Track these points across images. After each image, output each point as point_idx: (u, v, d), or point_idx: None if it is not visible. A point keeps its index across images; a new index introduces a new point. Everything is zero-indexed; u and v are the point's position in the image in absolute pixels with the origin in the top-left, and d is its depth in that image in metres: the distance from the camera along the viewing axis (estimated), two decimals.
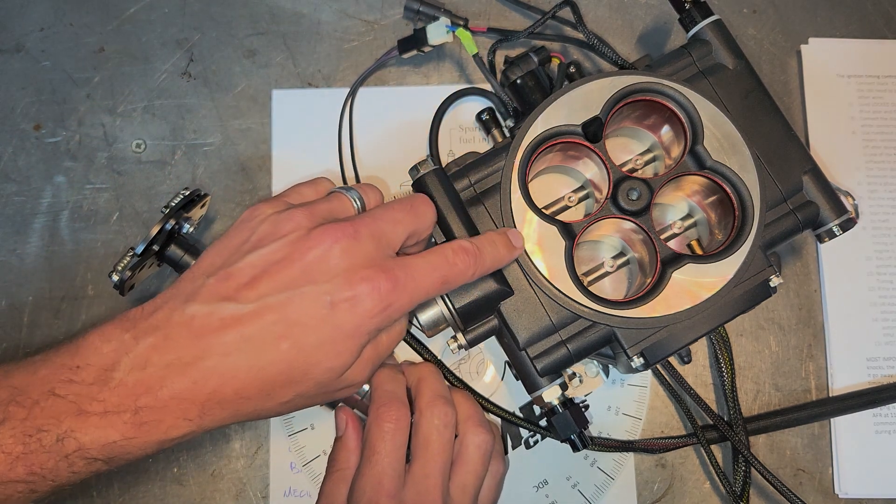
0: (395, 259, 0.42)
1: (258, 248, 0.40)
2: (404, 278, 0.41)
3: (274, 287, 0.39)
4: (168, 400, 0.37)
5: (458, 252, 0.43)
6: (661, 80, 0.47)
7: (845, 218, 0.48)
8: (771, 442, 0.55)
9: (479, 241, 0.45)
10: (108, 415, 0.37)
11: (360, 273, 0.40)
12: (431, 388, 0.48)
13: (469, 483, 0.46)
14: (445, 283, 0.43)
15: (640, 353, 0.45)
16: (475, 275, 0.44)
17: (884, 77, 0.60)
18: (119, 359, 0.38)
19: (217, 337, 0.38)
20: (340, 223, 0.41)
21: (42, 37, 0.59)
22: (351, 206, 0.44)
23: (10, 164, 0.57)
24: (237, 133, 0.58)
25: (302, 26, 0.59)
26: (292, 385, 0.40)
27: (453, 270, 0.43)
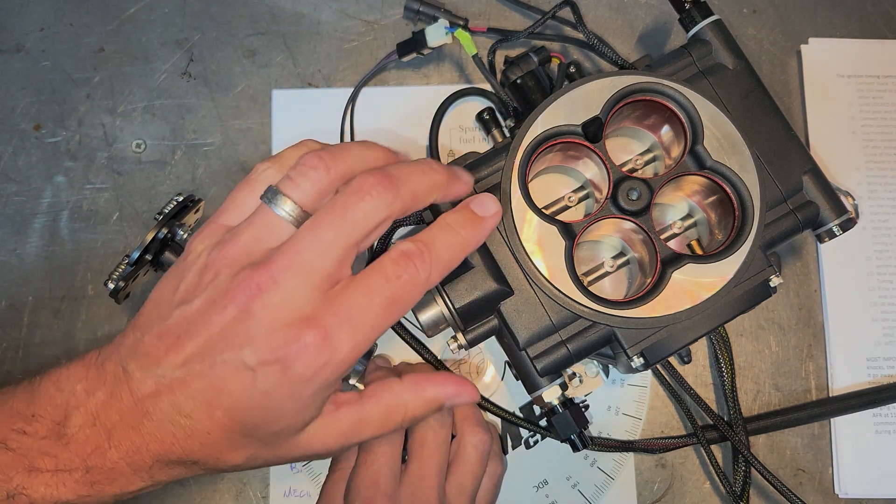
0: (326, 300, 0.35)
1: (183, 302, 0.36)
2: (336, 323, 0.35)
3: (197, 352, 0.35)
4: (117, 460, 0.36)
5: (398, 261, 0.36)
6: (661, 80, 0.47)
7: (845, 218, 0.48)
8: (771, 442, 0.55)
9: (427, 234, 0.38)
10: (59, 472, 0.35)
11: (281, 333, 0.34)
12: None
13: (466, 483, 0.46)
14: (394, 306, 0.36)
15: (640, 353, 0.45)
16: (431, 277, 0.37)
17: (884, 77, 0.60)
18: (70, 412, 0.36)
19: (154, 402, 0.36)
20: (256, 271, 0.35)
21: (42, 37, 0.59)
22: (281, 225, 0.37)
23: (10, 164, 0.57)
24: (237, 133, 0.58)
25: (302, 26, 0.59)
26: (238, 448, 0.37)
27: (399, 287, 0.36)
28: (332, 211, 0.36)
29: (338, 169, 0.37)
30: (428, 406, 0.41)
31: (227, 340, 0.35)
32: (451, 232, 0.38)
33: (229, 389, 0.35)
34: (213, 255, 0.37)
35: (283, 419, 0.36)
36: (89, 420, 0.36)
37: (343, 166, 0.37)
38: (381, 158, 0.39)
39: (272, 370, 0.35)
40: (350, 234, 0.36)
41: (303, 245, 0.35)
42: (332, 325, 0.35)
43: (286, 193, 0.36)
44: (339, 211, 0.36)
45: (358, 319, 0.35)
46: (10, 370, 0.54)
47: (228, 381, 0.35)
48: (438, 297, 0.46)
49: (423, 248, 0.37)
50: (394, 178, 0.36)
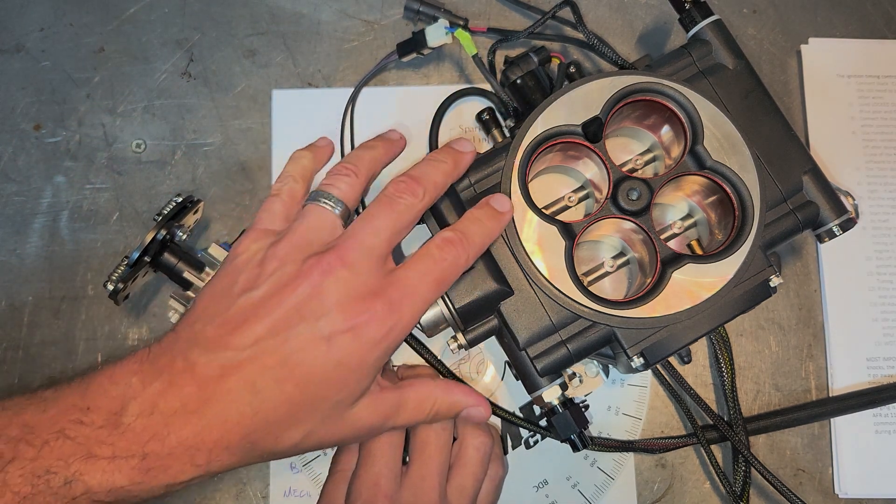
0: (387, 277, 0.41)
1: (248, 290, 0.40)
2: (399, 296, 0.40)
3: (268, 330, 0.39)
4: (175, 446, 0.37)
5: (443, 247, 0.43)
6: (661, 80, 0.47)
7: (845, 218, 0.48)
8: (771, 442, 0.55)
9: (461, 225, 0.44)
10: (116, 459, 0.36)
11: (354, 304, 0.39)
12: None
13: (467, 485, 0.46)
14: (441, 283, 0.42)
15: (640, 353, 0.45)
16: (469, 260, 0.44)
17: (884, 77, 0.60)
18: (127, 403, 0.38)
19: (219, 384, 0.38)
20: (326, 254, 0.40)
21: (42, 37, 0.59)
22: (331, 217, 0.43)
23: (10, 164, 0.57)
24: (237, 133, 0.58)
25: (302, 26, 0.59)
26: (300, 424, 0.40)
27: (445, 267, 0.42)
28: (380, 204, 0.43)
29: (362, 171, 0.45)
30: (452, 408, 0.45)
31: (301, 315, 0.39)
32: (480, 224, 0.44)
33: (303, 360, 0.39)
34: (272, 249, 0.41)
35: (347, 388, 0.40)
36: (147, 409, 0.37)
37: (364, 168, 0.45)
38: (383, 153, 0.47)
39: (346, 337, 0.39)
40: (396, 221, 0.42)
41: (362, 232, 0.42)
42: (396, 298, 0.40)
43: (330, 192, 0.43)
44: (385, 204, 0.43)
45: (415, 293, 0.41)
46: (10, 370, 0.54)
47: (303, 353, 0.39)
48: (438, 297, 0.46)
49: (462, 235, 0.43)
50: (418, 178, 0.44)
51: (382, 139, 0.48)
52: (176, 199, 0.51)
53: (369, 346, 0.39)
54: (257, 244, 0.42)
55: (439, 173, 0.45)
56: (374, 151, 0.46)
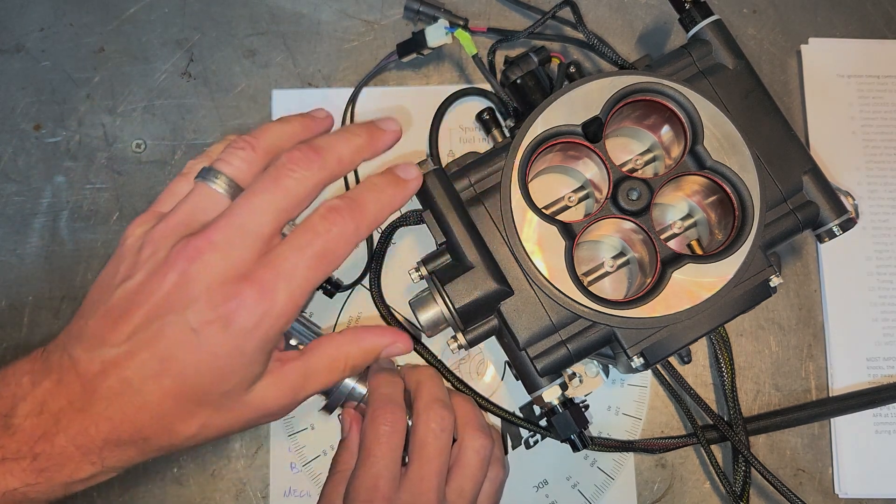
0: (262, 258, 0.38)
1: (125, 280, 0.38)
2: (272, 277, 0.37)
3: (140, 323, 0.37)
4: (65, 445, 0.36)
5: (326, 216, 0.39)
6: (661, 80, 0.47)
7: (845, 218, 0.48)
8: (771, 442, 0.55)
9: (353, 191, 0.41)
10: (6, 461, 0.35)
11: (220, 290, 0.36)
12: (429, 391, 0.47)
13: (466, 488, 0.45)
14: (325, 259, 0.38)
15: (640, 353, 0.45)
16: (360, 231, 0.40)
17: (884, 77, 0.60)
18: (17, 403, 0.37)
19: (101, 381, 0.36)
20: (194, 237, 0.37)
21: (42, 37, 0.59)
22: (215, 197, 0.39)
23: (10, 164, 0.57)
24: (237, 133, 0.57)
25: (302, 26, 0.59)
26: (190, 417, 0.38)
27: (328, 240, 0.38)
28: (264, 180, 0.39)
29: (262, 145, 0.40)
30: (367, 355, 0.43)
31: (170, 305, 0.37)
32: (377, 191, 0.41)
33: (176, 354, 0.36)
34: (150, 233, 0.39)
35: (231, 378, 0.38)
36: (35, 409, 0.36)
37: (266, 142, 0.40)
38: (298, 130, 0.42)
39: (214, 327, 0.36)
40: (281, 199, 0.38)
41: (238, 210, 0.38)
42: (268, 280, 0.37)
43: (219, 169, 0.39)
44: (270, 180, 0.38)
45: (291, 273, 0.37)
46: None
47: (174, 346, 0.36)
48: (438, 297, 0.46)
49: (351, 202, 0.40)
50: (318, 149, 0.40)
51: (302, 115, 0.43)
52: None
53: (241, 336, 0.37)
54: (142, 228, 0.39)
55: (348, 147, 0.41)
56: (286, 126, 0.42)
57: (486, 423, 0.49)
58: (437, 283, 0.46)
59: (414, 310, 0.47)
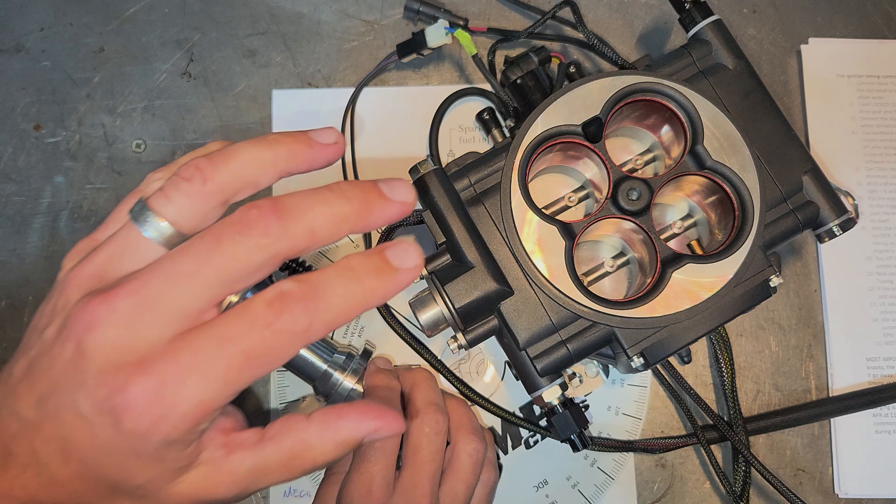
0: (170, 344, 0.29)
1: (41, 329, 0.32)
2: (177, 372, 0.29)
3: (47, 390, 0.30)
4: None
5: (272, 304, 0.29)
6: (661, 80, 0.47)
7: (845, 218, 0.48)
8: (771, 442, 0.55)
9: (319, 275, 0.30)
10: None
11: (111, 378, 0.29)
12: (424, 394, 0.47)
13: (459, 491, 0.45)
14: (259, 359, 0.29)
15: (640, 353, 0.45)
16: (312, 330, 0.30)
17: (884, 77, 0.60)
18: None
19: (16, 443, 0.31)
20: (94, 299, 0.30)
21: (42, 37, 0.59)
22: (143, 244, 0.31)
23: (9, 164, 0.57)
24: (237, 133, 0.58)
25: (302, 26, 0.59)
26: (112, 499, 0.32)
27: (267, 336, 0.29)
28: (202, 239, 0.29)
29: (218, 179, 0.30)
30: (341, 448, 0.34)
31: (67, 380, 0.30)
32: (352, 278, 0.31)
33: (74, 438, 0.30)
34: (68, 275, 0.32)
35: (139, 475, 0.31)
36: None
37: (226, 175, 0.31)
38: (282, 159, 0.32)
39: (105, 421, 0.29)
40: (218, 270, 0.29)
41: (155, 273, 0.30)
42: (170, 374, 0.29)
43: (154, 209, 0.30)
44: (209, 241, 0.29)
45: (205, 371, 0.29)
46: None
47: (71, 430, 0.30)
48: (438, 297, 0.46)
49: (310, 291, 0.30)
50: (285, 211, 0.30)
51: (296, 137, 0.32)
52: None
53: (134, 437, 0.29)
54: (72, 262, 0.33)
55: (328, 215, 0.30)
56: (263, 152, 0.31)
57: (479, 425, 0.49)
58: (437, 283, 0.46)
59: (414, 310, 0.47)
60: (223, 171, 0.30)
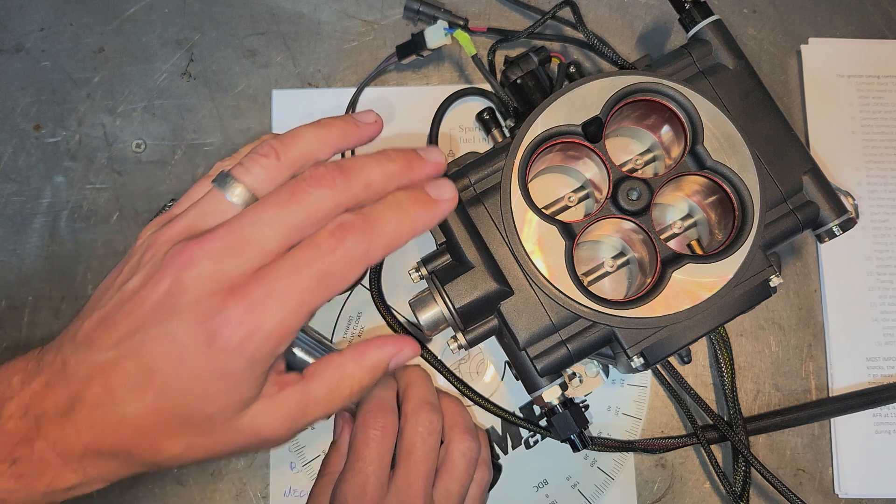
0: (256, 273, 0.34)
1: (123, 283, 0.36)
2: (263, 295, 0.33)
3: (129, 330, 0.34)
4: (44, 451, 0.34)
5: (335, 233, 0.35)
6: (662, 80, 0.47)
7: (845, 218, 0.48)
8: (771, 442, 0.55)
9: (374, 208, 0.36)
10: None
11: (207, 303, 0.33)
12: (418, 393, 0.47)
13: (453, 490, 0.45)
14: (327, 281, 0.35)
15: (640, 353, 0.45)
16: (371, 253, 0.35)
17: (884, 77, 0.60)
18: (3, 404, 0.35)
19: (86, 387, 0.34)
20: (190, 243, 0.34)
21: (42, 37, 0.59)
22: (227, 207, 0.36)
23: (9, 164, 0.57)
24: (237, 133, 0.58)
25: (302, 26, 0.59)
26: (174, 437, 0.35)
27: (334, 260, 0.34)
28: (279, 192, 0.35)
29: (289, 155, 0.37)
30: (373, 372, 0.39)
31: (158, 315, 0.34)
32: (399, 209, 0.36)
33: (160, 368, 0.34)
34: (155, 235, 0.36)
35: (216, 400, 0.35)
36: (20, 410, 0.34)
37: (295, 152, 0.37)
38: (336, 137, 0.38)
39: (199, 343, 0.33)
40: (293, 215, 0.35)
41: (243, 220, 0.35)
42: (258, 297, 0.33)
43: (237, 177, 0.36)
44: (285, 193, 0.35)
45: (285, 292, 0.34)
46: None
47: (158, 359, 0.34)
48: (438, 297, 0.46)
49: (365, 221, 0.35)
50: (345, 169, 0.36)
51: (344, 119, 0.39)
52: (169, 204, 0.51)
53: (225, 355, 0.33)
54: (152, 230, 0.37)
55: (380, 172, 0.37)
56: (321, 132, 0.38)
57: (473, 424, 0.49)
58: (437, 283, 0.46)
59: (414, 310, 0.47)
60: (292, 149, 0.37)
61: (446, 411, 0.48)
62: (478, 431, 0.49)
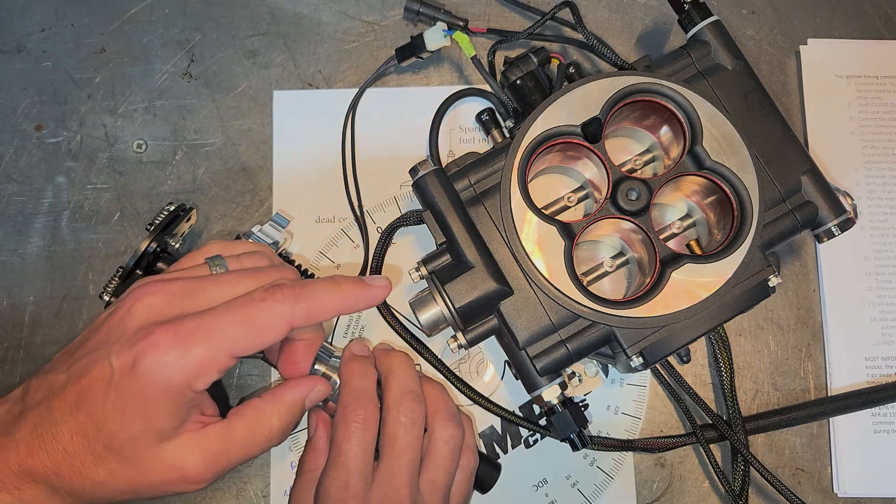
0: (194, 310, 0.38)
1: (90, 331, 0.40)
2: (191, 329, 0.37)
3: (82, 354, 0.38)
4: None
5: (268, 289, 0.39)
6: (661, 81, 0.48)
7: (844, 218, 0.48)
8: (770, 441, 0.55)
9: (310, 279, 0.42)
10: None
11: (142, 330, 0.37)
12: (400, 382, 0.46)
13: (439, 479, 0.45)
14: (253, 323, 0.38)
15: (639, 352, 0.45)
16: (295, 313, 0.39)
17: (882, 77, 0.60)
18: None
19: (35, 408, 0.37)
20: (157, 282, 0.39)
21: (43, 37, 0.59)
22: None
23: (11, 165, 0.57)
24: (238, 133, 0.58)
25: (302, 27, 0.59)
26: (100, 461, 0.37)
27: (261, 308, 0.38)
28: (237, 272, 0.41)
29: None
30: (291, 411, 0.43)
31: (106, 339, 0.38)
32: (332, 283, 0.42)
33: (92, 390, 0.37)
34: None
35: (134, 425, 0.37)
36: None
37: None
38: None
39: (124, 366, 0.36)
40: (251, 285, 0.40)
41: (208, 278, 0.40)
42: (186, 330, 0.37)
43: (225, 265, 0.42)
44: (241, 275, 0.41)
45: (213, 327, 0.37)
46: (12, 370, 0.54)
47: (94, 381, 0.37)
48: (438, 297, 0.46)
49: (297, 285, 0.40)
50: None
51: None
52: (168, 207, 0.51)
53: (146, 380, 0.36)
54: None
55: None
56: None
57: (456, 410, 0.48)
58: (437, 283, 0.46)
59: (414, 310, 0.47)
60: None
61: (428, 398, 0.47)
62: (461, 416, 0.48)
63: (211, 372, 0.37)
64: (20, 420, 0.37)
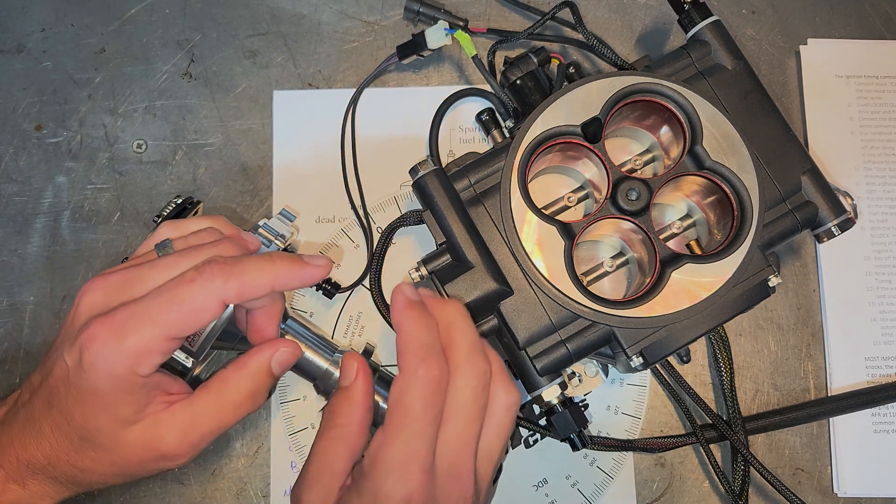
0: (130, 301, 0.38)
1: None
2: (125, 317, 0.37)
3: (50, 352, 0.40)
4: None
5: (198, 267, 0.38)
6: (661, 81, 0.48)
7: (844, 218, 0.48)
8: (770, 441, 0.55)
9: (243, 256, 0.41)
10: None
11: (84, 326, 0.38)
12: (466, 338, 0.40)
13: (494, 448, 0.40)
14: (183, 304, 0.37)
15: (639, 352, 0.45)
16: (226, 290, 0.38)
17: (882, 77, 0.60)
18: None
19: (21, 405, 0.40)
20: (100, 276, 0.40)
21: (43, 37, 0.59)
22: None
23: (11, 165, 0.57)
24: (238, 133, 0.58)
25: (302, 27, 0.59)
26: (81, 451, 0.39)
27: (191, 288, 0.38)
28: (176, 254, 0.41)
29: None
30: (256, 377, 0.41)
31: (64, 337, 0.40)
32: (267, 259, 0.40)
33: (57, 386, 0.38)
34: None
35: (97, 416, 0.38)
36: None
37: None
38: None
39: (74, 362, 0.37)
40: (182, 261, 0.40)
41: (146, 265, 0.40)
42: (120, 319, 0.37)
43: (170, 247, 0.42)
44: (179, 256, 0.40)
45: (144, 315, 0.37)
46: (11, 370, 0.54)
47: (56, 378, 0.38)
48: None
49: (229, 262, 0.39)
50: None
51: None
52: (176, 200, 0.51)
53: (93, 373, 0.37)
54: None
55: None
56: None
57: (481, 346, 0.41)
58: (437, 283, 0.46)
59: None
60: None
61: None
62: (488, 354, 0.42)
63: (152, 356, 0.37)
64: (14, 418, 0.40)
